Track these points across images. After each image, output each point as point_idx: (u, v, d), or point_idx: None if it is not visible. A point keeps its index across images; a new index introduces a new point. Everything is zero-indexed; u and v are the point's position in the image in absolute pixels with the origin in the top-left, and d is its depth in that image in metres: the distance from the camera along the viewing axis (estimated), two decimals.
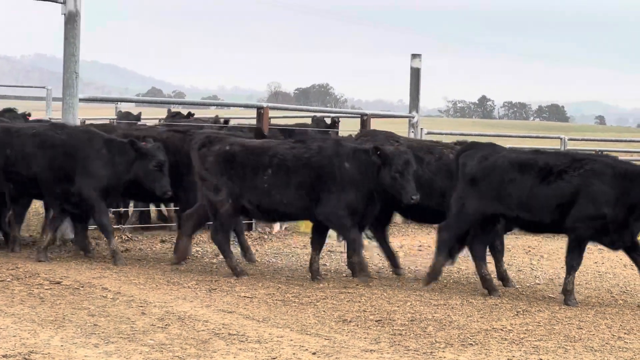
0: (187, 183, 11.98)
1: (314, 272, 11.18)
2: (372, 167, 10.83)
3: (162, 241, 13.53)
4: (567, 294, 10.37)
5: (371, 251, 12.59)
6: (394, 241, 13.50)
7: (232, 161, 11.11)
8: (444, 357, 7.77)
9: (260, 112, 15.27)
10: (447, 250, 10.96)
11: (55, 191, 11.80)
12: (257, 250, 12.99)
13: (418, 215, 12.11)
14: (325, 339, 8.16)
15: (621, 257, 11.82)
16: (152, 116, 25.68)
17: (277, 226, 15.30)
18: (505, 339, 8.50)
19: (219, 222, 11.20)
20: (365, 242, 11.80)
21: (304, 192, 10.92)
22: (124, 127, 14.11)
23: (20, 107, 14.97)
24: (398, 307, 9.74)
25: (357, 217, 10.91)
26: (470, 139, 15.06)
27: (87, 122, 16.11)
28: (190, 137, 11.98)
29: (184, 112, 18.94)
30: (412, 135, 18.25)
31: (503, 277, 11.42)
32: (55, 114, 15.81)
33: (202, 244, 13.43)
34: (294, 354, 7.62)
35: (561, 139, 20.92)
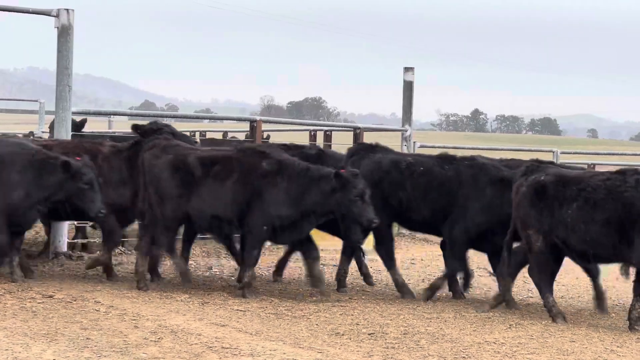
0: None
1: None
2: None
3: None
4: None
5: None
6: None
7: (543, 193, 10.22)
8: None
9: (254, 125, 15.31)
10: None
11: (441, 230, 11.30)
12: None
13: None
14: (318, 352, 8.16)
15: (614, 270, 11.82)
16: None
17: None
18: (498, 352, 8.51)
19: (535, 260, 10.35)
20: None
21: (613, 230, 9.84)
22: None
23: (13, 120, 14.93)
24: (391, 320, 9.75)
25: None
26: (463, 153, 15.08)
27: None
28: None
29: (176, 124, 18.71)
30: (405, 149, 18.26)
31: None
32: (47, 128, 15.76)
33: (195, 257, 13.42)
34: None
35: (553, 152, 20.97)
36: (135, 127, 12.17)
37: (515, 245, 10.71)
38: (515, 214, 10.43)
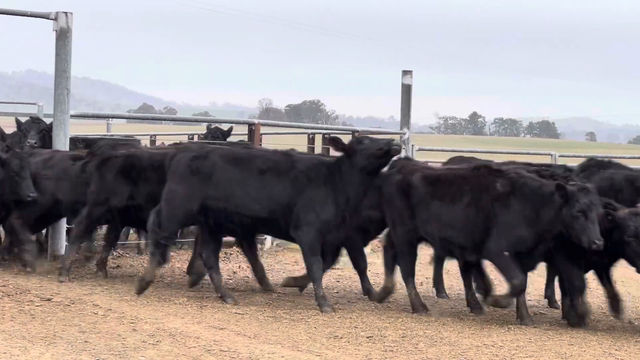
0: None
1: None
2: None
3: None
4: None
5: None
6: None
7: None
8: None
9: (252, 128, 15.30)
10: None
11: None
12: (248, 267, 12.98)
13: None
14: (317, 356, 8.16)
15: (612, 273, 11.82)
16: (144, 132, 25.63)
17: (268, 242, 15.30)
18: (497, 355, 8.51)
19: None
20: None
21: None
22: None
23: (12, 123, 14.85)
24: (389, 323, 9.75)
25: None
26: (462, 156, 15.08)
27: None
28: None
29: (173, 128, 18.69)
30: (402, 152, 18.23)
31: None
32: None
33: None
34: None
35: (552, 155, 20.96)
36: (333, 141, 10.91)
37: None
38: None
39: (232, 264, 13.38)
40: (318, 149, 17.74)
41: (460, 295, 11.62)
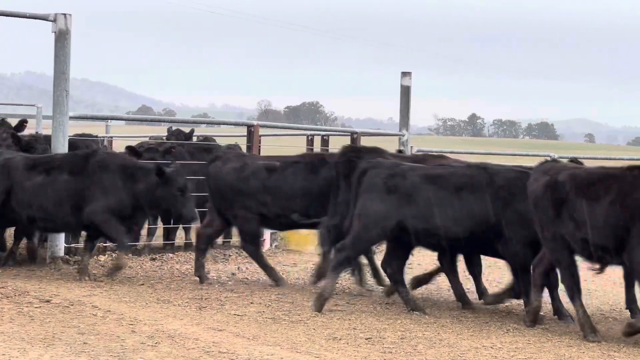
0: None
1: None
2: None
3: (152, 259, 13.50)
4: None
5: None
6: None
7: None
8: None
9: (251, 130, 15.31)
10: None
11: None
12: (247, 268, 12.99)
13: None
14: (316, 357, 8.16)
15: (610, 274, 11.83)
16: (142, 134, 25.61)
17: (267, 244, 15.30)
18: (495, 357, 8.51)
19: None
20: None
21: None
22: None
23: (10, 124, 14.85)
24: (388, 325, 9.75)
25: None
26: (460, 157, 15.09)
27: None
28: None
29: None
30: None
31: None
32: (45, 132, 15.71)
33: (192, 262, 13.40)
34: None
35: (551, 156, 20.94)
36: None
37: None
38: None
39: (232, 265, 13.38)
40: (317, 151, 17.75)
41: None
